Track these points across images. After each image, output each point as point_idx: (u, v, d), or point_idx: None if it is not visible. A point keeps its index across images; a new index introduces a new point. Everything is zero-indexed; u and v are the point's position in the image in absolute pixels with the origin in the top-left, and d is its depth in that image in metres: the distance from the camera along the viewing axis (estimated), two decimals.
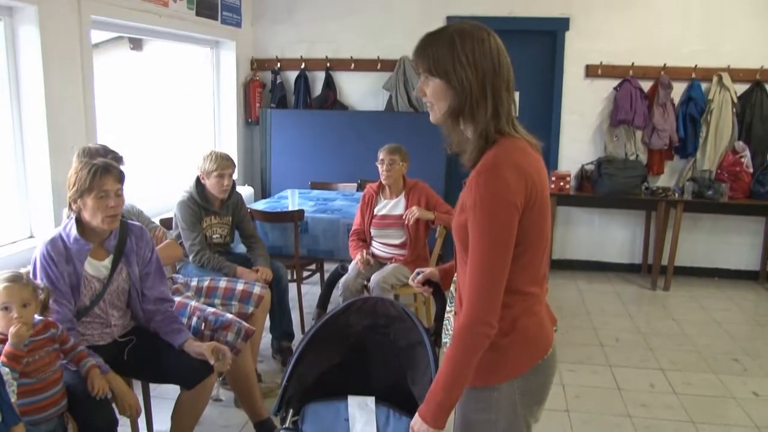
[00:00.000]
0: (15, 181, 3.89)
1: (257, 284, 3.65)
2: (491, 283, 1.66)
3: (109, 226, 2.73)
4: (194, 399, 2.91)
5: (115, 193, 2.70)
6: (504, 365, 1.78)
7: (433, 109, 1.77)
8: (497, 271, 1.65)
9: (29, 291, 2.40)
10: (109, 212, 2.69)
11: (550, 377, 1.89)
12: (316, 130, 6.28)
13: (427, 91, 1.75)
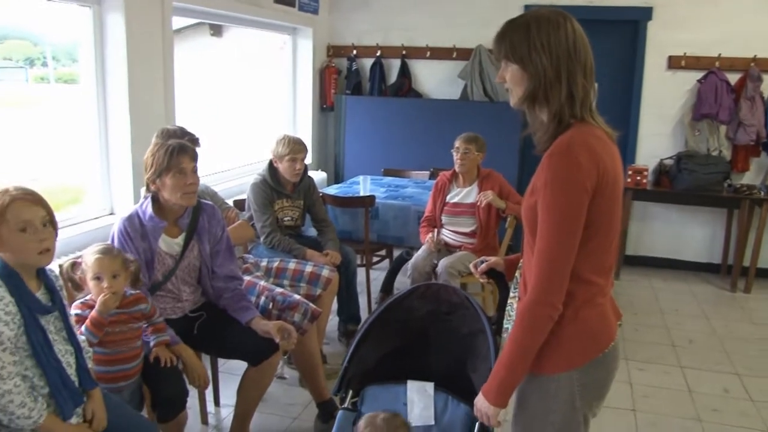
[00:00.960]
0: (98, 161, 4.06)
1: (326, 267, 3.70)
2: (557, 263, 1.66)
3: (188, 203, 2.83)
4: (259, 375, 2.98)
5: (192, 170, 2.79)
6: (563, 355, 1.76)
7: (512, 94, 1.80)
8: (564, 252, 1.66)
9: (119, 263, 2.52)
10: (188, 189, 2.79)
11: (612, 373, 1.86)
12: (390, 118, 6.29)
13: (506, 76, 1.77)
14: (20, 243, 2.02)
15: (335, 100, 6.50)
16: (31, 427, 2.03)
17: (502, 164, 4.84)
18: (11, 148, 3.92)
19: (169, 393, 2.65)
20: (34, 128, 4.03)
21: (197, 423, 3.40)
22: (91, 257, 2.50)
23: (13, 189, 2.06)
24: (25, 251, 2.03)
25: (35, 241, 2.03)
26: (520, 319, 1.71)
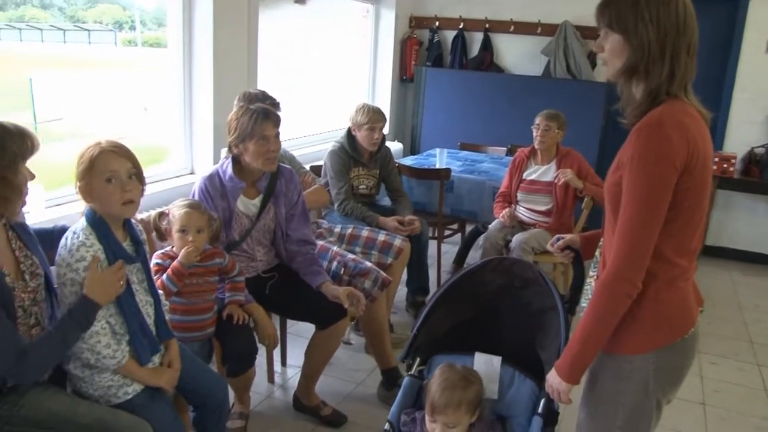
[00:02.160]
0: (182, 122, 4.17)
1: (398, 236, 3.71)
2: (639, 239, 1.62)
3: (269, 168, 2.88)
4: (327, 339, 3.03)
5: (274, 137, 2.83)
6: (640, 336, 1.73)
7: (609, 66, 1.74)
8: (647, 228, 1.62)
9: (205, 219, 2.62)
10: (269, 155, 2.83)
11: (689, 359, 1.81)
12: (470, 92, 6.22)
13: (605, 46, 1.72)
14: (106, 193, 2.09)
15: (415, 71, 6.47)
16: (114, 368, 2.13)
17: (582, 144, 4.73)
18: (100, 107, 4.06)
19: (240, 349, 2.72)
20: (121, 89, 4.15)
21: (264, 381, 3.49)
22: (179, 210, 2.60)
23: (105, 142, 2.13)
24: (109, 201, 2.10)
25: (119, 192, 2.10)
26: (598, 295, 1.68)
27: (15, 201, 1.99)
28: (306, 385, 3.20)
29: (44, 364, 2.01)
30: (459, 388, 2.00)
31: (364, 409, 3.32)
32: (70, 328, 2.00)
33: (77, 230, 2.12)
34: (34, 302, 2.08)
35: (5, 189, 1.94)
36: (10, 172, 1.94)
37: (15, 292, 2.00)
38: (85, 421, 2.04)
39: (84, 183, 2.10)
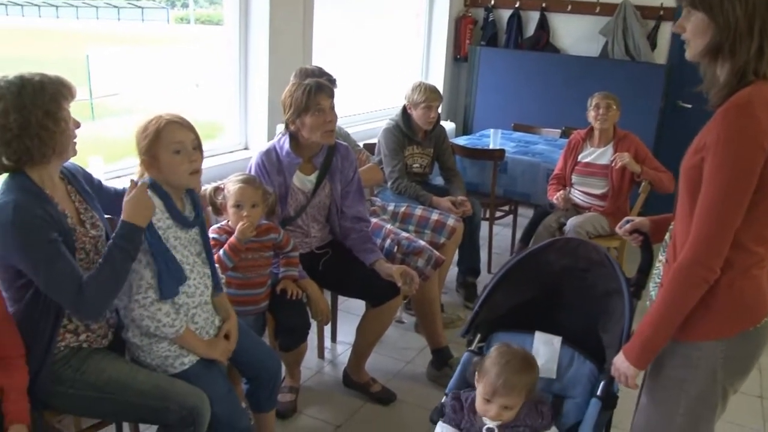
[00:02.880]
0: (237, 98, 4.19)
1: (452, 216, 3.68)
2: (720, 224, 1.57)
3: (328, 141, 2.86)
4: (378, 317, 3.03)
5: (330, 108, 2.82)
6: (711, 323, 1.67)
7: (690, 46, 1.67)
8: (729, 212, 1.56)
9: (259, 194, 2.63)
10: (327, 127, 2.82)
11: (760, 349, 1.76)
12: (525, 72, 6.11)
13: (687, 26, 1.65)
14: (174, 164, 2.11)
15: (469, 51, 6.37)
16: (172, 337, 2.15)
17: (638, 128, 4.58)
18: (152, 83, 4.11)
19: (293, 324, 2.74)
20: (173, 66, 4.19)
21: (314, 356, 3.51)
22: (234, 185, 2.60)
23: (166, 114, 2.15)
24: (177, 172, 2.12)
25: (187, 162, 2.12)
26: (674, 279, 1.63)
27: (62, 138, 2.02)
28: (356, 362, 3.20)
29: (101, 297, 2.00)
30: (522, 372, 1.96)
31: (413, 388, 3.32)
32: (118, 256, 1.99)
33: None
34: (96, 250, 2.12)
35: (50, 122, 1.97)
36: (54, 106, 1.98)
37: (76, 234, 2.05)
38: (143, 388, 2.07)
39: (149, 155, 2.12)
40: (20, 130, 1.94)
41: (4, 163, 1.99)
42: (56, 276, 1.93)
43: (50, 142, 1.99)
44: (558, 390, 2.15)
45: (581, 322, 2.17)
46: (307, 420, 3.04)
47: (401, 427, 3.01)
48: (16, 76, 1.98)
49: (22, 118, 1.93)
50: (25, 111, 1.94)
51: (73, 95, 2.06)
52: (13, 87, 1.95)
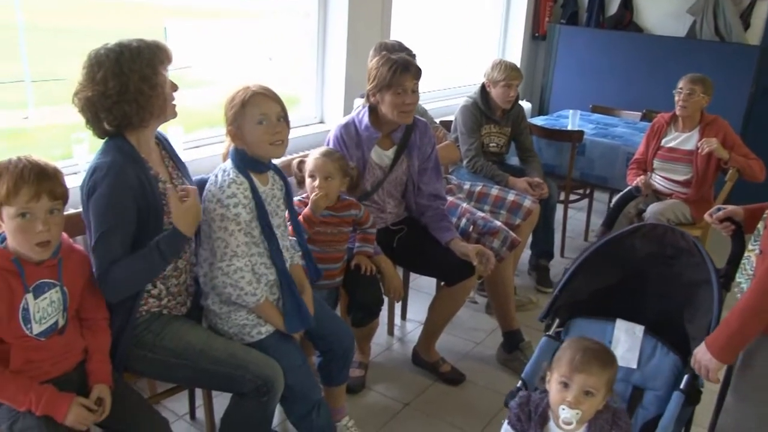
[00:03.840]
0: (314, 72, 4.19)
1: (528, 197, 3.60)
2: None
3: (404, 121, 2.83)
4: (452, 296, 3.00)
5: (412, 89, 2.77)
6: None
7: None
8: None
9: (335, 167, 2.61)
10: (405, 108, 2.78)
11: None
12: (605, 52, 5.93)
13: None
14: (256, 134, 2.13)
15: (548, 29, 6.23)
16: (252, 305, 2.18)
17: (726, 112, 4.39)
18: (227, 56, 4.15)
19: (367, 299, 2.74)
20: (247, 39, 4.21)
21: (383, 333, 3.51)
22: (312, 157, 2.61)
23: (253, 85, 2.16)
24: (259, 142, 2.14)
25: (270, 134, 2.13)
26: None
27: (158, 101, 2.05)
28: (427, 341, 3.19)
29: (123, 286, 2.00)
30: (604, 352, 1.83)
31: (482, 369, 3.29)
32: (155, 257, 1.99)
33: (227, 168, 2.16)
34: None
35: (146, 87, 2.01)
36: (150, 71, 2.01)
37: (167, 199, 2.07)
38: (219, 356, 2.10)
39: (235, 125, 2.13)
40: (119, 96, 1.98)
41: (106, 128, 2.03)
42: (102, 244, 1.95)
43: (147, 106, 2.02)
44: (638, 380, 2.08)
45: (665, 312, 2.09)
46: (376, 396, 3.05)
47: (469, 409, 2.98)
48: (116, 43, 2.02)
49: (120, 85, 1.97)
50: (123, 77, 1.97)
51: (169, 59, 2.09)
52: (111, 54, 1.99)
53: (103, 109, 2.00)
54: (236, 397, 2.16)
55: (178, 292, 2.22)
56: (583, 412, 1.75)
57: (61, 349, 1.94)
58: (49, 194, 1.80)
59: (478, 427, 2.86)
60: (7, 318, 1.81)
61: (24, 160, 1.80)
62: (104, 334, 2.06)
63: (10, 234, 1.80)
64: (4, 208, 1.77)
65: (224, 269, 2.12)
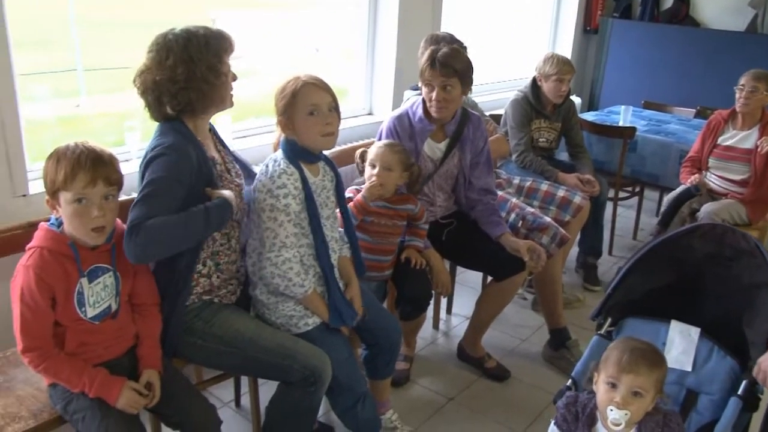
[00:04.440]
0: (364, 64, 4.18)
1: (578, 194, 3.54)
2: None
3: (435, 115, 2.78)
4: (501, 292, 2.97)
5: (441, 86, 2.70)
6: None
7: None
8: None
9: (396, 159, 2.59)
10: (433, 104, 2.75)
11: None
12: (659, 46, 5.80)
13: None
14: (307, 125, 2.13)
15: (600, 22, 6.12)
16: (300, 296, 2.18)
17: None
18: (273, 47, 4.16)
19: (415, 293, 2.71)
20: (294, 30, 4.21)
21: (428, 327, 3.50)
22: (375, 146, 2.61)
23: (304, 76, 2.15)
24: (310, 133, 2.14)
25: (321, 124, 2.13)
26: None
27: (221, 91, 2.07)
28: (473, 336, 3.17)
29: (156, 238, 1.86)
30: (652, 352, 1.78)
31: (528, 367, 3.25)
32: (198, 220, 1.93)
33: (278, 158, 2.17)
34: (240, 197, 2.16)
35: (212, 76, 2.02)
36: (216, 60, 2.03)
37: (223, 181, 2.12)
38: (268, 345, 2.10)
39: (286, 116, 2.13)
40: (186, 82, 2.00)
41: (167, 112, 2.05)
42: (145, 202, 1.90)
43: (210, 95, 2.04)
44: (693, 384, 2.02)
45: (722, 314, 2.03)
46: (420, 390, 3.04)
47: (514, 406, 2.95)
48: (183, 29, 2.03)
49: (188, 71, 1.99)
50: (192, 64, 1.99)
51: (233, 48, 2.10)
52: (180, 40, 2.01)
53: (168, 94, 2.02)
54: (283, 386, 2.17)
55: (228, 274, 2.21)
56: (632, 413, 1.71)
57: (113, 334, 1.97)
58: (104, 180, 1.82)
59: (523, 424, 2.83)
60: (63, 301, 1.84)
61: (81, 146, 1.82)
62: (155, 320, 2.08)
63: (66, 219, 1.83)
64: (62, 193, 1.80)
65: (273, 260, 2.12)
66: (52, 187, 1.81)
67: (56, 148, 1.83)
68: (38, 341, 1.83)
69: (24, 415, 1.92)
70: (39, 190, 2.49)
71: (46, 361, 1.83)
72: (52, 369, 1.84)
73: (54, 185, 1.80)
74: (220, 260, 2.17)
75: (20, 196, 2.49)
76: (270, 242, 2.12)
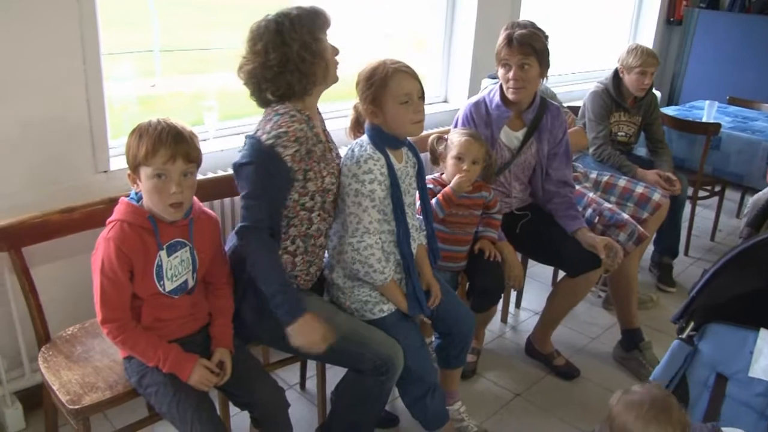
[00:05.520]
0: (441, 51, 4.13)
1: (658, 191, 3.41)
2: None
3: (513, 97, 2.71)
4: (574, 288, 2.88)
5: (518, 64, 2.63)
6: None
7: None
8: None
9: (482, 152, 2.56)
10: (511, 84, 2.68)
11: None
12: (749, 39, 5.54)
13: None
14: (399, 114, 2.09)
15: (685, 13, 5.89)
16: (380, 283, 2.16)
17: None
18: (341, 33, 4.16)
19: (488, 285, 2.67)
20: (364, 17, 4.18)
21: (497, 320, 3.45)
22: (460, 137, 2.56)
23: (390, 62, 2.11)
24: (402, 122, 2.10)
25: (412, 113, 2.09)
26: None
27: (320, 68, 2.04)
28: (542, 332, 3.10)
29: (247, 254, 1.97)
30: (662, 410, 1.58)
31: (597, 366, 3.17)
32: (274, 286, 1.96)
33: (364, 143, 2.14)
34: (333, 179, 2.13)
35: (308, 54, 2.00)
36: (309, 38, 2.00)
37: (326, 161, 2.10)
38: (342, 330, 2.08)
39: (375, 104, 2.10)
40: (280, 66, 1.99)
41: (268, 98, 2.05)
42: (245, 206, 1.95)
43: (309, 74, 2.03)
44: None
45: None
46: (486, 383, 2.99)
47: (582, 406, 2.88)
48: (276, 14, 2.02)
49: (281, 55, 1.98)
50: (285, 47, 1.98)
51: (329, 23, 2.08)
52: (271, 24, 2.00)
53: (265, 80, 2.01)
54: (354, 374, 2.15)
55: (312, 257, 2.18)
56: None
57: (188, 310, 1.99)
58: (184, 157, 1.82)
59: (591, 425, 2.74)
60: (141, 274, 1.86)
61: (163, 123, 1.83)
62: (228, 300, 2.09)
63: (146, 193, 1.84)
64: (142, 168, 1.82)
65: (355, 245, 2.10)
66: (133, 161, 1.83)
67: (139, 124, 1.85)
68: (117, 313, 1.85)
69: (101, 386, 1.96)
70: (119, 167, 2.55)
71: (124, 333, 1.86)
72: (129, 341, 1.87)
73: (135, 160, 1.82)
74: (309, 242, 2.15)
75: (101, 173, 2.54)
76: (353, 227, 2.10)
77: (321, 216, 2.12)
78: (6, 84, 2.23)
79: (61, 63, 2.34)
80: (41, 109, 2.33)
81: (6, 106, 2.25)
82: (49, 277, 2.35)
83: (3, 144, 2.27)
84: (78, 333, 2.22)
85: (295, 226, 2.09)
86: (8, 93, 2.24)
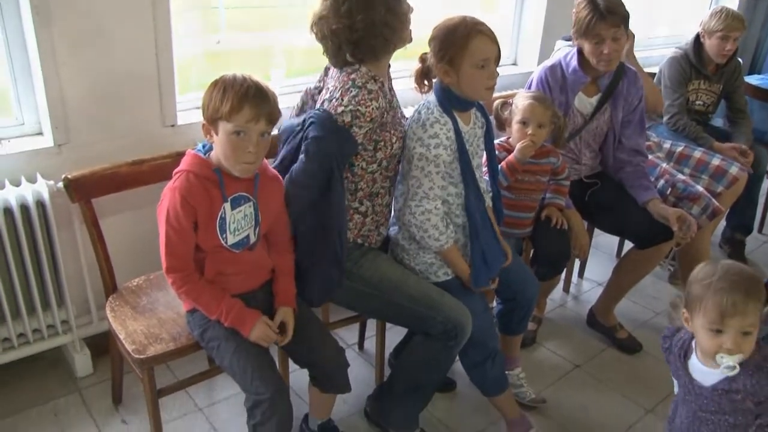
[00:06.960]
0: (512, 13, 3.99)
1: (736, 164, 3.26)
2: None
3: (606, 69, 2.61)
4: (643, 260, 2.81)
5: (612, 37, 2.52)
6: None
7: None
8: None
9: (548, 115, 2.47)
10: (602, 57, 2.56)
11: None
12: None
13: None
14: (475, 78, 2.01)
15: None
16: (436, 249, 2.12)
17: None
18: None
19: (554, 253, 2.61)
20: None
21: (558, 289, 3.39)
22: (524, 101, 2.47)
23: (471, 20, 2.02)
24: (476, 86, 2.03)
25: (486, 78, 2.02)
26: None
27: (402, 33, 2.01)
28: (606, 303, 3.03)
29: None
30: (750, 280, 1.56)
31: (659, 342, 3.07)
32: None
33: (431, 105, 2.08)
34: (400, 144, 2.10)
35: (393, 18, 1.95)
36: (394, 1, 1.96)
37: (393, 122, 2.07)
38: (414, 293, 2.08)
39: (451, 64, 2.02)
40: (366, 30, 1.94)
41: (347, 59, 2.01)
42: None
43: (393, 39, 1.99)
44: None
45: None
46: (546, 353, 2.95)
47: (643, 381, 2.80)
48: None
49: (367, 18, 1.92)
50: (371, 10, 1.92)
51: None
52: None
53: (348, 43, 1.97)
54: (422, 336, 2.13)
55: (381, 217, 2.18)
56: (745, 352, 1.56)
57: (249, 266, 1.98)
58: (267, 117, 1.78)
59: (651, 402, 2.68)
60: (205, 225, 1.84)
61: (249, 80, 1.77)
62: (291, 257, 2.08)
63: (219, 147, 1.81)
64: (222, 123, 1.76)
65: (413, 209, 2.07)
66: (213, 114, 1.78)
67: (222, 77, 1.79)
68: (182, 262, 1.85)
69: (164, 338, 1.99)
70: (186, 121, 2.55)
71: (188, 284, 1.86)
72: (193, 292, 1.88)
73: (216, 113, 1.76)
74: (376, 201, 2.13)
75: (169, 126, 2.55)
76: (413, 191, 2.07)
77: (383, 174, 2.10)
78: (82, 37, 2.24)
79: (133, 18, 2.34)
80: (113, 63, 2.34)
81: (81, 59, 2.27)
82: (117, 229, 2.39)
83: (76, 96, 2.30)
84: (143, 284, 2.26)
85: (362, 189, 2.08)
86: (84, 46, 2.26)
